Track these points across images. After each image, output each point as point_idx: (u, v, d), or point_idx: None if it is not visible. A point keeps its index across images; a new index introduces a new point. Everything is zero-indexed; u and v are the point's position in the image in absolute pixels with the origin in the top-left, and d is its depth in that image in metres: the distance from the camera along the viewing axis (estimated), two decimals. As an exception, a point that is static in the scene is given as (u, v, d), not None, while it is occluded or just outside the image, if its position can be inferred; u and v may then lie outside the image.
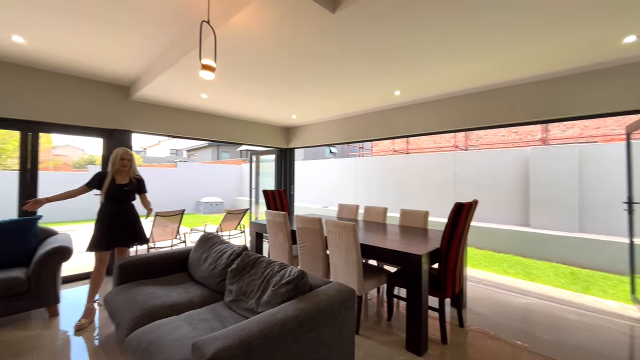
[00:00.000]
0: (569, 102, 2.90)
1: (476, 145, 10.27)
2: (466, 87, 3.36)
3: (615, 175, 5.00)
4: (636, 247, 3.07)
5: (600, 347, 2.26)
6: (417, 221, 3.42)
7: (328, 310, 1.60)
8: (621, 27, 2.07)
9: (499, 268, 4.52)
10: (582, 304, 3.06)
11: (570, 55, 2.52)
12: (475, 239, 5.84)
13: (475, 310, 2.85)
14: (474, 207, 2.40)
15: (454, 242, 2.26)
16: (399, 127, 4.26)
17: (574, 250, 4.79)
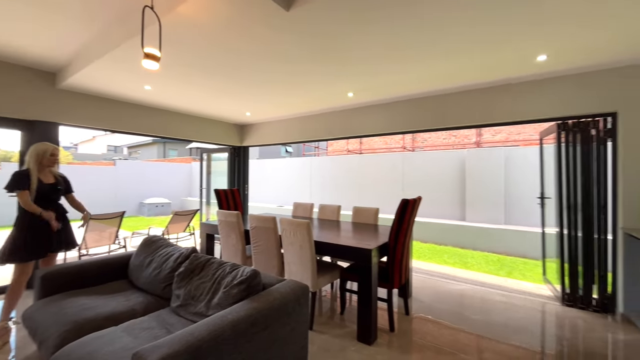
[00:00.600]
0: (497, 110, 3.29)
1: (422, 147, 11.07)
2: (414, 92, 3.62)
3: (532, 174, 5.80)
4: (547, 236, 3.61)
5: (520, 322, 2.62)
6: (369, 218, 3.59)
7: (281, 307, 1.61)
8: (535, 48, 2.42)
9: (441, 259, 4.95)
10: (506, 287, 3.51)
11: (496, 70, 2.87)
12: (420, 233, 6.31)
13: (419, 299, 3.09)
14: (418, 204, 2.60)
15: (400, 236, 2.43)
16: (352, 128, 4.41)
17: (501, 241, 5.45)
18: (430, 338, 2.35)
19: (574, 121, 2.97)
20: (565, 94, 2.95)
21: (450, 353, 2.14)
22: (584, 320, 2.67)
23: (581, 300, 2.90)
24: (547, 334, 2.49)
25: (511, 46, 2.38)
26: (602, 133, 2.84)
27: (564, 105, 2.96)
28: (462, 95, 3.49)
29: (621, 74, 2.71)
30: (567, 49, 2.42)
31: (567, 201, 2.98)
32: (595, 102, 2.82)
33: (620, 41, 2.28)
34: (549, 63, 2.69)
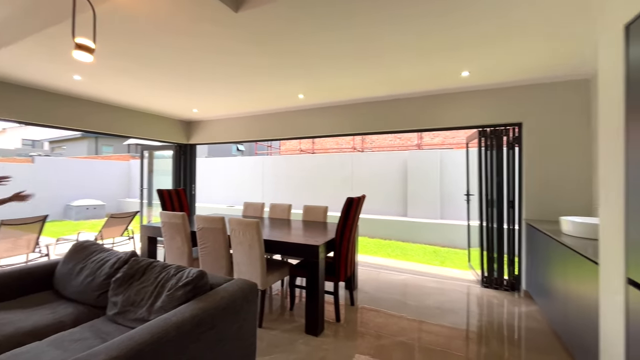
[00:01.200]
0: (433, 117, 3.68)
1: (370, 148, 11.68)
2: (362, 97, 3.85)
3: (462, 174, 6.56)
4: (471, 228, 4.14)
5: (449, 304, 2.99)
6: (318, 216, 3.73)
7: (229, 306, 1.63)
8: (459, 66, 2.78)
9: (385, 252, 5.33)
10: (439, 274, 3.95)
11: (432, 81, 3.21)
12: (368, 229, 6.70)
13: (364, 290, 3.32)
14: (362, 201, 2.80)
15: (346, 232, 2.60)
16: (304, 129, 4.51)
17: (436, 233, 6.07)
18: (372, 325, 2.57)
19: (491, 129, 3.46)
20: (485, 106, 3.43)
21: (389, 337, 2.37)
22: (497, 298, 3.15)
23: (496, 281, 3.40)
24: (470, 312, 2.89)
25: (441, 62, 2.71)
26: (511, 140, 3.37)
27: (484, 115, 3.43)
28: (404, 102, 3.82)
29: (526, 91, 3.25)
30: (483, 68, 2.82)
31: (486, 197, 3.47)
32: (507, 113, 3.33)
33: (524, 64, 2.74)
34: (471, 78, 3.11)
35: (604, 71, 1.55)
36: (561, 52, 2.47)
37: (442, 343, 2.29)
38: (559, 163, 3.09)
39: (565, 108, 3.08)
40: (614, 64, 1.45)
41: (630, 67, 1.33)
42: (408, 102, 3.80)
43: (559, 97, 3.11)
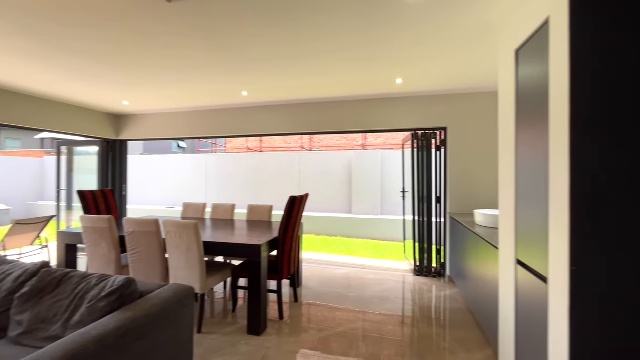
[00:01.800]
0: (374, 119, 3.91)
1: (318, 147, 11.91)
2: (309, 97, 3.91)
3: (400, 172, 7.10)
4: (407, 222, 4.52)
5: (386, 293, 3.23)
6: (263, 215, 3.70)
7: (161, 313, 1.55)
8: (393, 73, 3.01)
9: (330, 249, 5.52)
10: (379, 266, 4.23)
11: (372, 86, 3.42)
12: (314, 226, 6.84)
13: (308, 286, 3.41)
14: (305, 200, 2.87)
15: (289, 231, 2.64)
16: (250, 127, 4.42)
17: (378, 228, 6.48)
18: (315, 319, 2.65)
19: (422, 132, 3.83)
20: (417, 111, 3.77)
21: (330, 329, 2.48)
22: (427, 285, 3.51)
23: (426, 269, 3.78)
24: (405, 299, 3.16)
25: (378, 70, 2.90)
26: (439, 142, 3.76)
27: (416, 119, 3.78)
28: (348, 104, 4.00)
29: (450, 99, 3.66)
30: (414, 77, 3.11)
31: (418, 194, 3.83)
32: (435, 118, 3.71)
33: (447, 76, 3.08)
34: (405, 85, 3.39)
35: (502, 87, 1.84)
36: (477, 67, 2.85)
37: (379, 329, 2.48)
38: (476, 163, 3.55)
39: (482, 115, 3.55)
40: (508, 82, 1.73)
41: (519, 85, 1.61)
42: (351, 104, 3.99)
43: (477, 106, 3.58)
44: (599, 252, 1.06)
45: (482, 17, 1.95)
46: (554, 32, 1.21)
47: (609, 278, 1.05)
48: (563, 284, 1.13)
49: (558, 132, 1.18)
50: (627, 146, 1.05)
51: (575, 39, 1.09)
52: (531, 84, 1.46)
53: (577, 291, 1.09)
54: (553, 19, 1.22)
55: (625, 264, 1.04)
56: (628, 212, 1.04)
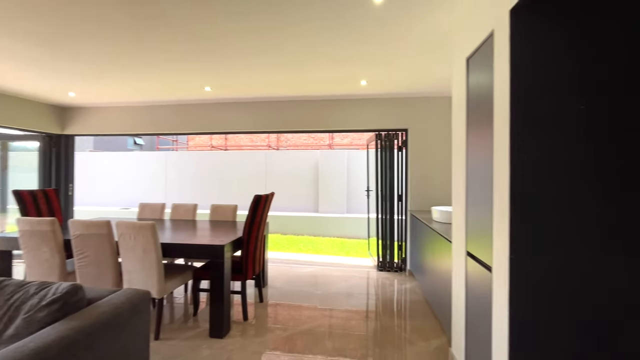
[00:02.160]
0: (341, 119, 3.98)
1: (285, 146, 11.83)
2: (275, 95, 3.87)
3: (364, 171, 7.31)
4: (371, 220, 4.67)
5: (351, 289, 3.31)
6: (227, 215, 3.60)
7: (112, 321, 1.45)
8: (358, 74, 3.09)
9: (297, 248, 5.52)
10: (344, 264, 4.33)
11: (336, 86, 3.48)
12: (281, 226, 6.80)
13: (274, 286, 3.38)
14: (271, 199, 2.85)
15: (254, 230, 2.60)
16: (213, 123, 4.27)
17: (344, 227, 6.62)
18: (280, 318, 2.65)
19: (385, 133, 3.98)
20: (381, 112, 3.91)
21: (295, 327, 2.49)
22: (389, 279, 3.66)
23: (388, 265, 3.94)
24: (369, 293, 3.27)
25: (343, 70, 2.96)
26: (401, 143, 3.94)
27: (380, 120, 3.91)
28: (315, 103, 4.03)
29: (411, 102, 3.84)
30: (377, 79, 3.22)
31: (381, 193, 3.97)
32: (397, 120, 3.88)
33: (410, 79, 3.24)
34: (369, 87, 3.49)
35: (455, 93, 1.98)
36: (436, 72, 3.02)
37: (344, 325, 2.54)
38: (434, 163, 3.77)
39: (440, 118, 3.78)
40: (460, 88, 1.87)
41: (469, 91, 1.74)
42: (318, 104, 4.02)
43: (435, 109, 3.79)
44: (534, 242, 1.19)
45: (441, 25, 2.08)
46: (498, 43, 1.33)
47: (541, 264, 1.19)
48: (504, 271, 1.26)
49: (500, 136, 1.30)
50: (562, 149, 1.18)
51: (515, 51, 1.21)
52: (480, 91, 1.59)
53: (515, 276, 1.21)
54: (497, 31, 1.34)
55: (555, 251, 1.18)
56: (559, 208, 1.18)
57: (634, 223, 1.15)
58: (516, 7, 1.19)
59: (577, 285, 1.17)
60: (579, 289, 1.17)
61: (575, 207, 1.16)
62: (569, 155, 1.17)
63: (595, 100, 1.17)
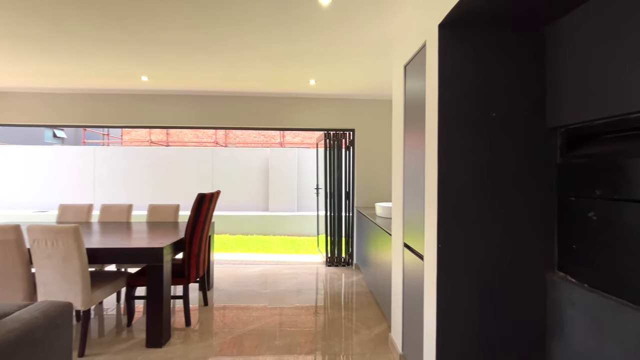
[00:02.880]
0: (291, 117, 3.98)
1: (234, 143, 11.42)
2: (222, 89, 3.70)
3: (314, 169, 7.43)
4: (320, 217, 4.77)
5: (300, 286, 3.35)
6: (168, 215, 3.36)
7: (22, 338, 1.25)
8: (306, 73, 3.13)
9: (246, 247, 5.39)
10: (294, 261, 4.35)
11: (285, 84, 3.47)
12: (229, 226, 6.55)
13: (220, 288, 3.26)
14: (216, 197, 2.73)
15: (197, 231, 2.47)
16: (154, 117, 3.93)
17: (294, 225, 6.64)
18: (228, 321, 2.56)
19: (334, 132, 4.09)
20: (330, 112, 4.01)
21: (242, 328, 2.43)
22: (337, 274, 3.79)
23: (336, 260, 4.08)
24: (317, 288, 3.34)
25: (292, 69, 2.97)
26: (348, 143, 4.09)
27: (329, 120, 4.02)
28: (265, 100, 3.96)
29: (358, 103, 4.02)
30: (325, 80, 3.30)
31: (330, 190, 4.08)
32: (345, 120, 4.02)
33: (356, 82, 3.38)
34: (318, 86, 3.56)
35: (395, 97, 2.14)
36: (380, 77, 3.19)
37: (293, 321, 2.56)
38: (378, 161, 4.00)
39: (383, 120, 4.01)
40: (399, 92, 2.02)
41: (406, 95, 1.90)
42: (269, 101, 3.97)
43: (380, 111, 4.02)
44: (458, 232, 1.36)
45: (384, 33, 2.21)
46: (429, 53, 1.48)
47: (466, 251, 1.35)
48: (433, 259, 1.40)
49: (430, 138, 1.45)
50: (482, 150, 1.36)
51: (442, 61, 1.36)
52: (415, 96, 1.74)
53: (442, 262, 1.36)
54: (428, 42, 1.49)
55: (477, 239, 1.36)
56: (480, 202, 1.35)
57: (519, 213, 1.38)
58: (443, 22, 1.34)
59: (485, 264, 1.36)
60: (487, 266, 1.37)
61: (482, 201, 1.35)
62: (476, 157, 1.35)
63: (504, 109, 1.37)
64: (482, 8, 1.22)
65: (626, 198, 1.05)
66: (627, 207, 1.05)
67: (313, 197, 7.31)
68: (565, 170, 1.31)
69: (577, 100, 1.21)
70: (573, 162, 1.28)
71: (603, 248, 1.12)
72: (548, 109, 1.35)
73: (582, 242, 1.22)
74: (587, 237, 1.19)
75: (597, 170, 1.15)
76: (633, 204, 1.03)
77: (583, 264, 1.21)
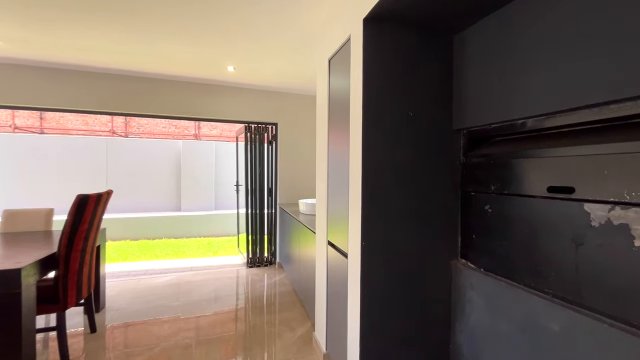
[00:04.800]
0: (207, 107, 3.55)
1: (137, 133, 9.85)
2: (120, 67, 3.03)
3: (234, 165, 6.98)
4: (240, 215, 4.48)
5: (219, 292, 3.04)
6: (35, 223, 2.60)
7: None
8: (223, 57, 2.82)
9: (153, 254, 4.68)
10: (211, 265, 3.97)
11: (200, 68, 3.07)
12: (130, 230, 5.60)
13: (115, 307, 2.70)
14: (105, 198, 2.22)
15: (77, 241, 1.95)
16: (18, 95, 2.97)
17: (211, 225, 6.11)
18: (124, 346, 2.12)
19: (255, 125, 3.85)
20: (251, 104, 3.75)
21: (146, 351, 2.05)
22: (259, 275, 3.60)
23: (258, 260, 3.89)
24: (238, 293, 3.08)
25: (206, 50, 2.62)
26: (271, 137, 3.91)
27: (250, 112, 3.75)
28: (177, 85, 3.43)
29: (281, 96, 3.86)
30: (245, 68, 3.05)
31: (251, 186, 3.84)
32: (268, 113, 3.82)
33: (278, 74, 3.21)
34: (238, 74, 3.26)
35: (319, 91, 2.08)
36: (302, 70, 3.11)
37: (210, 332, 2.29)
38: (302, 157, 3.95)
39: (306, 115, 3.96)
40: (323, 87, 1.96)
41: (331, 90, 1.85)
42: (182, 87, 3.46)
43: (303, 106, 3.95)
44: (380, 227, 1.37)
45: (307, 20, 2.10)
46: (354, 47, 1.44)
47: (387, 244, 1.38)
48: (357, 257, 1.39)
49: (355, 135, 1.42)
50: (402, 147, 1.38)
51: (366, 56, 1.33)
52: (339, 91, 1.70)
53: (366, 260, 1.36)
54: (353, 36, 1.45)
55: (397, 236, 1.39)
56: (398, 196, 1.39)
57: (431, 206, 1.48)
58: (368, 17, 1.31)
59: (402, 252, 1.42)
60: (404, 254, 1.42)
61: (399, 195, 1.40)
62: (395, 154, 1.39)
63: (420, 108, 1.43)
64: (407, 5, 1.23)
65: (513, 192, 1.21)
66: (513, 200, 1.21)
67: (232, 195, 6.88)
68: (467, 168, 1.45)
69: (476, 106, 1.34)
70: (473, 161, 1.42)
71: (496, 237, 1.27)
72: (454, 112, 1.47)
73: (480, 232, 1.37)
74: (484, 228, 1.34)
75: (492, 168, 1.30)
76: (518, 197, 1.19)
77: (480, 251, 1.36)
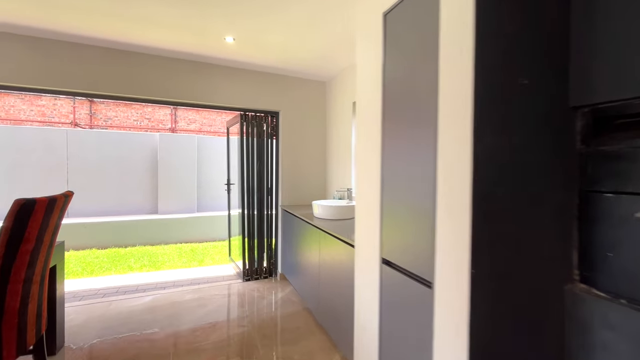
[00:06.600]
0: (193, 88, 2.95)
1: (104, 125, 8.82)
2: (88, 32, 2.36)
3: (220, 162, 6.31)
4: (232, 218, 3.89)
5: (210, 317, 2.48)
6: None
7: None
8: (221, 24, 2.27)
9: (125, 265, 3.97)
10: (198, 278, 3.37)
11: (191, 39, 2.48)
12: (97, 238, 4.81)
13: (77, 344, 2.06)
14: (61, 203, 1.60)
15: (18, 268, 1.33)
16: None
17: (194, 229, 5.43)
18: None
19: (252, 114, 3.30)
20: (249, 88, 3.18)
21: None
22: (258, 290, 3.05)
23: (256, 271, 3.33)
24: (239, 316, 2.52)
25: (202, 12, 2.06)
26: (270, 129, 3.37)
27: (247, 97, 3.18)
28: (156, 61, 2.80)
29: (284, 82, 3.33)
30: (248, 38, 2.50)
31: (247, 185, 3.28)
32: (268, 100, 3.27)
33: (285, 48, 2.69)
34: (238, 48, 2.68)
35: (361, 64, 1.59)
36: (316, 43, 2.59)
37: (205, 380, 1.74)
38: (305, 153, 3.45)
39: (312, 103, 3.47)
40: (370, 57, 1.48)
41: (387, 59, 1.38)
42: (163, 63, 2.84)
43: (307, 93, 3.45)
44: (493, 252, 0.92)
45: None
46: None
47: (495, 275, 0.93)
48: (458, 289, 0.94)
49: (451, 120, 0.96)
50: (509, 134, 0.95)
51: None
52: (407, 58, 1.23)
53: (477, 296, 0.91)
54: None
55: (507, 256, 0.95)
56: (514, 206, 0.95)
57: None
58: None
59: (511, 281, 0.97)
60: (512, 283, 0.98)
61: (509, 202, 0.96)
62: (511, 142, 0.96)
63: (533, 73, 1.00)
64: None
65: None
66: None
67: (217, 195, 6.21)
68: (594, 158, 1.03)
69: (615, 70, 0.93)
70: (606, 149, 1.01)
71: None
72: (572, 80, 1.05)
73: (619, 247, 0.96)
74: (631, 242, 0.93)
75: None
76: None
77: (620, 274, 0.95)
